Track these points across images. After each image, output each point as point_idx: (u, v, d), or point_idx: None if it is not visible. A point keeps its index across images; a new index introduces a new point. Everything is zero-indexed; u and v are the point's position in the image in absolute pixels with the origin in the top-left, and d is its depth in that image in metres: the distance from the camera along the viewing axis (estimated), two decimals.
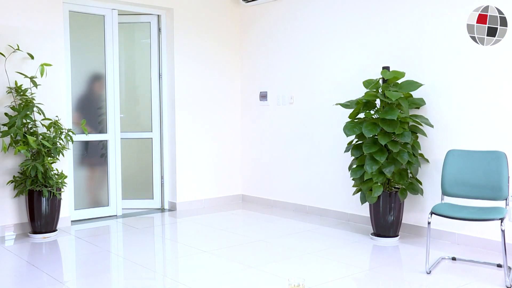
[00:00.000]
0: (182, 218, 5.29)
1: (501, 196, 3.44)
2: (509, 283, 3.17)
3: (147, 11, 5.56)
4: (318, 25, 5.24)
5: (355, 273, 3.46)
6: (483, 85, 3.97)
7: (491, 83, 3.92)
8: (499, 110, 3.88)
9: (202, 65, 5.83)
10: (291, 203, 5.60)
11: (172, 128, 5.68)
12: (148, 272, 3.52)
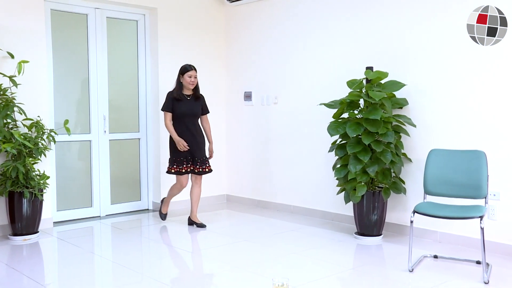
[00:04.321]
0: (167, 219, 5.25)
1: (481, 194, 3.50)
2: (487, 279, 3.23)
3: (131, 10, 5.51)
4: (302, 26, 5.26)
5: (339, 272, 3.49)
6: (465, 85, 4.03)
7: (475, 83, 3.98)
8: (480, 110, 3.94)
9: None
10: (276, 203, 5.60)
11: (156, 128, 5.65)
12: (132, 273, 3.50)
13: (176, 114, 4.64)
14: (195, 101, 4.72)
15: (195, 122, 4.73)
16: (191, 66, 4.67)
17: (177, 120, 4.66)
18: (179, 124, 4.66)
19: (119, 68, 5.54)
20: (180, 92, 4.63)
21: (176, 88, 4.66)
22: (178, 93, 4.63)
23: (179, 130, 4.65)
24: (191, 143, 4.66)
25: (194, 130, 4.70)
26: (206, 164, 4.75)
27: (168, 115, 4.66)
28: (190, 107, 4.67)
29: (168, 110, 4.65)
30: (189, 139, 4.66)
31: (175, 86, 4.68)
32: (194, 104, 4.71)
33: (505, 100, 3.78)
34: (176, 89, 4.65)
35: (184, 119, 4.65)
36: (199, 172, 4.71)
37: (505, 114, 3.80)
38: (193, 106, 4.70)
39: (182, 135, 4.64)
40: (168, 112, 4.65)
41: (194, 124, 4.71)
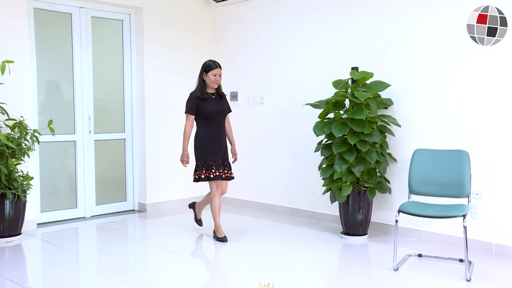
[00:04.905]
0: (153, 219, 5.23)
1: (463, 193, 3.54)
2: (469, 276, 3.28)
3: (116, 10, 5.47)
4: (288, 26, 5.28)
5: (325, 271, 3.50)
6: (450, 86, 4.07)
7: (461, 83, 4.02)
8: (463, 110, 3.99)
9: (172, 65, 5.78)
10: (262, 203, 5.61)
11: (142, 128, 5.61)
12: (117, 274, 3.47)
13: (203, 114, 4.23)
14: (220, 99, 4.34)
15: (222, 122, 4.35)
16: (215, 63, 4.28)
17: (203, 121, 4.25)
18: (205, 125, 4.25)
19: (104, 68, 5.50)
20: (204, 91, 4.25)
21: (199, 87, 4.26)
22: (202, 92, 4.23)
23: (206, 132, 4.24)
24: (219, 145, 4.27)
25: (222, 131, 4.34)
26: (231, 170, 4.37)
27: (190, 119, 4.24)
28: (218, 106, 4.29)
29: (192, 112, 4.22)
30: (217, 141, 4.27)
31: (198, 85, 4.28)
32: (220, 102, 4.33)
33: (495, 101, 3.81)
34: (200, 88, 4.25)
35: (212, 119, 4.25)
36: (226, 177, 4.28)
37: (488, 114, 3.85)
38: (220, 105, 4.32)
39: (211, 137, 4.24)
40: (191, 115, 4.23)
41: (221, 124, 4.33)
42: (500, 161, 3.79)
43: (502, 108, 3.77)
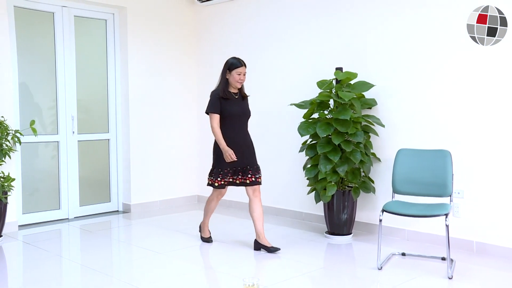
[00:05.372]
0: (137, 220, 5.20)
1: (446, 192, 3.59)
2: (451, 274, 3.32)
3: (99, 9, 5.42)
4: (273, 26, 5.29)
5: (310, 271, 3.51)
6: (433, 86, 4.12)
7: (443, 84, 4.07)
8: (445, 110, 4.03)
9: (157, 65, 5.75)
10: (247, 203, 5.58)
11: (126, 128, 5.57)
12: (102, 276, 3.44)
13: (225, 115, 3.92)
14: (243, 100, 4.05)
15: (246, 124, 4.04)
16: (240, 61, 3.97)
17: (225, 123, 3.94)
18: (228, 127, 3.94)
19: (88, 68, 5.44)
20: (227, 90, 3.96)
21: (221, 86, 3.97)
22: (225, 92, 3.94)
23: (229, 135, 3.92)
24: (243, 149, 3.96)
25: (245, 133, 4.02)
26: (260, 174, 4.01)
27: (215, 118, 3.92)
28: (241, 107, 4.00)
29: (215, 111, 3.92)
30: (241, 145, 3.96)
31: (220, 84, 3.99)
32: (244, 103, 4.04)
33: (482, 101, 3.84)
34: (222, 87, 3.96)
35: (235, 121, 3.95)
36: (252, 182, 3.94)
37: (470, 115, 3.91)
38: (244, 106, 4.03)
39: (233, 140, 3.92)
40: (216, 114, 3.92)
41: (245, 126, 4.03)
42: (481, 160, 3.85)
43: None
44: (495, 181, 3.79)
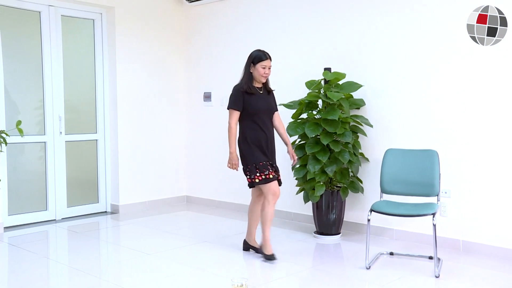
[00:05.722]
0: (125, 221, 5.17)
1: (433, 192, 3.62)
2: (438, 273, 3.36)
3: (87, 9, 5.38)
4: (261, 27, 5.29)
5: (298, 271, 3.52)
6: (424, 86, 4.15)
7: (430, 85, 4.11)
8: (432, 110, 4.07)
9: (145, 65, 5.72)
10: (236, 203, 5.61)
11: (114, 129, 5.54)
12: (89, 277, 3.41)
13: (249, 111, 3.71)
14: (268, 95, 3.85)
15: (271, 120, 3.85)
16: (265, 54, 3.75)
17: (249, 119, 3.73)
18: (252, 124, 3.73)
19: (75, 68, 5.40)
20: (251, 84, 3.75)
21: (245, 80, 3.74)
22: (249, 86, 3.72)
23: (254, 132, 3.73)
24: (268, 146, 3.78)
25: (270, 130, 3.84)
26: (279, 173, 3.85)
27: (235, 115, 3.72)
28: (266, 102, 3.80)
29: (237, 108, 3.70)
30: (266, 141, 3.77)
31: (243, 78, 3.77)
32: (268, 98, 3.84)
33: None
34: (246, 81, 3.74)
35: (259, 117, 3.74)
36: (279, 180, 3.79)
37: (457, 115, 3.94)
38: (269, 101, 3.83)
39: (258, 137, 3.73)
40: (236, 111, 3.71)
41: (269, 123, 3.83)
42: (467, 160, 3.89)
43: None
44: (481, 180, 3.83)
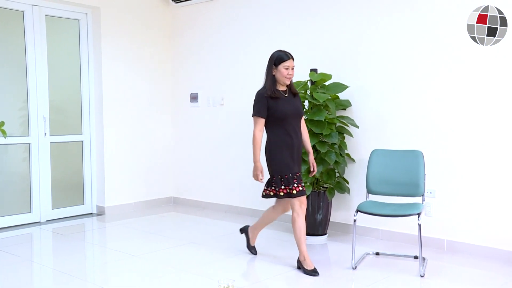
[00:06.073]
0: (111, 223, 5.13)
1: (418, 192, 3.65)
2: (423, 272, 3.39)
3: (72, 9, 5.33)
4: (248, 27, 5.29)
5: (285, 272, 3.53)
6: (405, 87, 4.19)
7: (416, 85, 4.15)
8: (417, 111, 4.11)
9: (131, 65, 5.68)
10: (223, 204, 5.60)
11: (100, 130, 5.49)
12: (75, 280, 3.38)
13: (275, 116, 3.49)
14: (293, 98, 3.60)
15: (298, 124, 3.58)
16: (287, 54, 3.53)
17: (276, 125, 3.51)
18: (279, 130, 3.50)
19: (60, 68, 5.34)
20: (275, 88, 3.53)
21: (268, 84, 3.53)
22: (273, 90, 3.51)
23: (281, 139, 3.50)
24: (295, 154, 3.53)
25: (298, 136, 3.57)
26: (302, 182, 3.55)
27: (259, 123, 3.51)
28: (292, 105, 3.54)
29: (262, 115, 3.48)
30: (293, 148, 3.51)
31: (266, 82, 3.55)
32: (295, 101, 3.59)
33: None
34: (270, 85, 3.52)
35: (287, 122, 3.50)
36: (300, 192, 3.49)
37: (442, 116, 3.99)
38: (296, 104, 3.58)
39: (285, 145, 3.49)
40: (261, 118, 3.50)
41: (297, 128, 3.56)
42: (452, 161, 3.94)
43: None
44: (466, 181, 3.88)
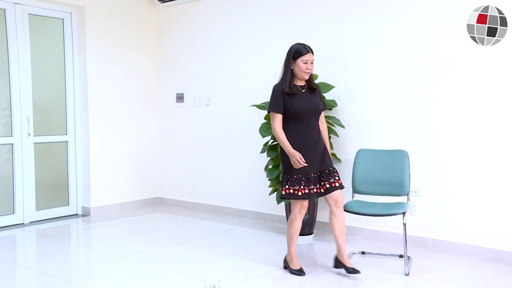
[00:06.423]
0: (97, 223, 5.09)
1: (403, 192, 3.68)
2: (408, 271, 3.42)
3: (55, 8, 5.27)
4: (234, 28, 5.29)
5: (271, 272, 3.53)
6: (392, 87, 4.22)
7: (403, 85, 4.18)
8: (403, 111, 4.14)
9: (117, 65, 5.64)
10: (209, 204, 5.59)
11: (85, 130, 5.44)
12: (59, 282, 3.34)
13: (291, 113, 3.37)
14: (312, 93, 3.48)
15: (316, 121, 3.47)
16: (306, 47, 3.40)
17: (291, 122, 3.40)
18: (294, 128, 3.40)
19: (44, 68, 5.28)
20: (292, 83, 3.40)
21: (285, 79, 3.40)
22: (290, 85, 3.38)
23: (295, 137, 3.38)
24: (314, 152, 3.40)
25: (316, 133, 3.46)
26: (336, 177, 3.44)
27: (277, 118, 3.39)
28: (311, 101, 3.42)
29: (278, 110, 3.38)
30: (311, 148, 3.39)
31: (283, 76, 3.42)
32: (312, 97, 3.46)
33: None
34: (286, 80, 3.39)
35: (303, 119, 3.39)
36: (328, 188, 3.40)
37: (427, 116, 4.03)
38: (313, 100, 3.45)
39: (300, 143, 3.37)
40: (278, 114, 3.39)
41: (315, 125, 3.46)
42: (436, 160, 3.98)
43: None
44: (450, 180, 3.92)
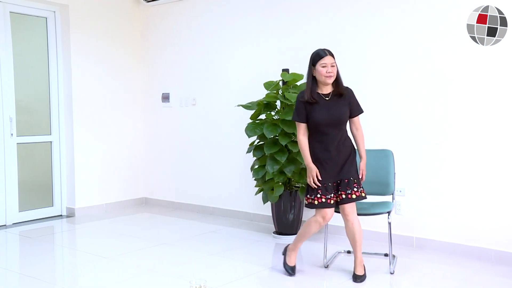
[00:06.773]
0: (81, 224, 5.04)
1: (388, 191, 3.71)
2: (393, 269, 3.46)
3: (38, 6, 5.21)
4: (220, 27, 5.28)
5: (258, 271, 3.54)
6: (380, 87, 4.26)
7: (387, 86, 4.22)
8: (388, 112, 4.18)
9: (102, 64, 5.59)
10: (195, 204, 5.57)
11: (69, 130, 5.39)
12: (42, 284, 3.31)
13: (311, 124, 3.26)
14: (338, 100, 3.29)
15: (340, 132, 3.28)
16: (325, 50, 3.25)
17: (313, 132, 3.29)
18: (314, 138, 3.29)
19: (28, 67, 5.22)
20: (314, 91, 3.26)
21: (307, 87, 3.27)
22: (311, 94, 3.24)
23: (314, 147, 3.28)
24: (335, 163, 3.27)
25: (338, 144, 3.27)
26: (355, 188, 3.27)
27: (301, 128, 3.30)
28: (331, 111, 3.23)
29: (300, 119, 3.28)
30: (332, 160, 3.26)
31: (306, 84, 3.31)
32: (336, 105, 3.26)
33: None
34: (307, 89, 3.26)
35: (323, 130, 3.25)
36: (344, 199, 3.26)
37: (410, 116, 4.07)
38: (335, 109, 3.25)
39: (317, 153, 3.27)
40: (301, 123, 3.29)
41: (337, 135, 3.26)
42: (421, 160, 4.02)
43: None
44: (434, 179, 3.97)
